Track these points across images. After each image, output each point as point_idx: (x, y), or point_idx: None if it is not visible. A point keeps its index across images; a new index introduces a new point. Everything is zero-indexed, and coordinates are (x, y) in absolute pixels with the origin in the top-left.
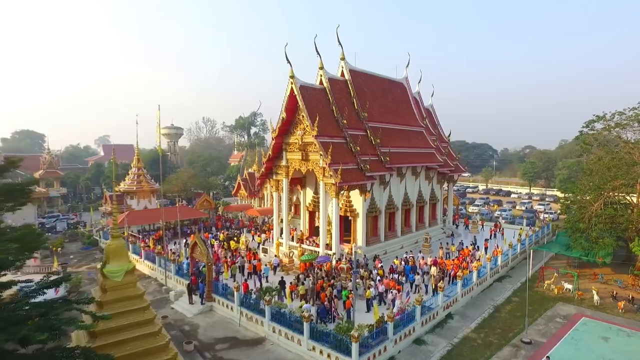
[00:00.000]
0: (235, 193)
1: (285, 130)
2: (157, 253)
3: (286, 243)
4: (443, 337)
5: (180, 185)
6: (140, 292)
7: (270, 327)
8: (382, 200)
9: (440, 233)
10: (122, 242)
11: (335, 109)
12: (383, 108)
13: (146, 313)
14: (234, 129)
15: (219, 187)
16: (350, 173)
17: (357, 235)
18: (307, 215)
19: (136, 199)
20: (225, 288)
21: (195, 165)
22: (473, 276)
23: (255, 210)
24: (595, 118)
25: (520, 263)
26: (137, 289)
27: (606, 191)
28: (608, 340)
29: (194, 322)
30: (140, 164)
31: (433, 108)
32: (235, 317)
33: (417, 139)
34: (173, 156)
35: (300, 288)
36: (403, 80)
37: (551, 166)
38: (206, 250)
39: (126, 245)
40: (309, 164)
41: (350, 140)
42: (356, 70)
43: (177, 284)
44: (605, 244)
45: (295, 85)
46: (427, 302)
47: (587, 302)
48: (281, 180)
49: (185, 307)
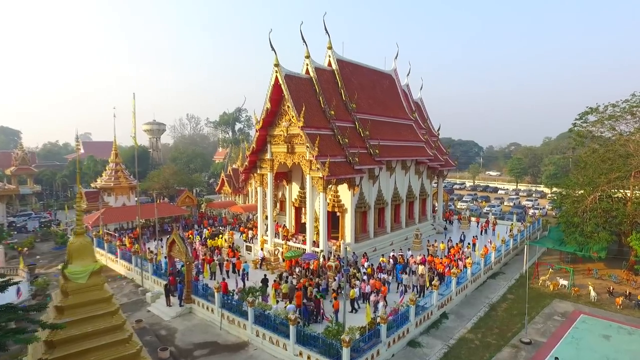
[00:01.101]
0: (218, 190)
1: (270, 122)
2: (134, 252)
3: (271, 240)
4: (439, 338)
5: (161, 182)
6: (107, 295)
7: (254, 330)
8: (372, 195)
9: (430, 229)
10: (87, 240)
11: (322, 100)
12: (372, 100)
13: (115, 318)
14: (217, 125)
15: (202, 184)
16: (338, 166)
17: (346, 232)
18: (293, 212)
19: (114, 195)
20: (206, 289)
21: (178, 161)
22: (467, 273)
23: (239, 207)
24: (588, 110)
25: (512, 259)
26: (104, 292)
27: (600, 185)
28: (609, 339)
29: (172, 326)
30: (119, 159)
31: (422, 101)
32: (216, 320)
33: (406, 132)
34: (155, 153)
35: (284, 287)
36: (392, 72)
37: (537, 162)
38: (185, 248)
39: (100, 243)
40: (294, 157)
41: (338, 132)
42: (344, 60)
43: (155, 285)
44: (601, 238)
45: (280, 74)
46: (422, 302)
47: (583, 298)
48: (266, 175)
49: (162, 309)
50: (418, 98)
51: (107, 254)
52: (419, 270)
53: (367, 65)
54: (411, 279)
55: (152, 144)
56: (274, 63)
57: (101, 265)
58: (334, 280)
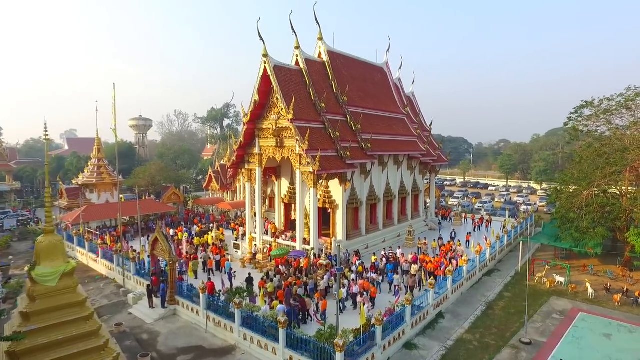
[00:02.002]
0: (206, 186)
1: (258, 115)
2: (115, 251)
3: (260, 238)
4: (435, 339)
5: (147, 179)
6: (80, 299)
7: (241, 333)
8: (363, 190)
9: (423, 226)
10: (58, 239)
11: (313, 92)
12: (363, 93)
13: (89, 323)
14: (205, 121)
15: (190, 180)
16: (329, 160)
17: (337, 229)
18: (282, 208)
19: (96, 192)
20: (191, 289)
21: (165, 158)
22: (463, 271)
23: (226, 204)
24: (584, 104)
25: (507, 256)
26: (76, 295)
27: (596, 179)
28: (610, 338)
29: (154, 330)
30: (101, 155)
31: (414, 95)
32: (201, 323)
33: (399, 127)
34: (142, 149)
35: (269, 285)
36: (383, 65)
37: (527, 159)
38: (168, 246)
39: (80, 242)
40: (284, 151)
41: (329, 126)
42: (335, 51)
43: (138, 286)
44: (597, 234)
45: (268, 64)
46: (417, 301)
47: (581, 295)
48: (254, 170)
49: (144, 311)
50: (410, 92)
51: (87, 253)
52: (411, 270)
53: (358, 58)
54: (402, 279)
55: (139, 140)
56: (263, 53)
57: (74, 265)
58: (322, 279)
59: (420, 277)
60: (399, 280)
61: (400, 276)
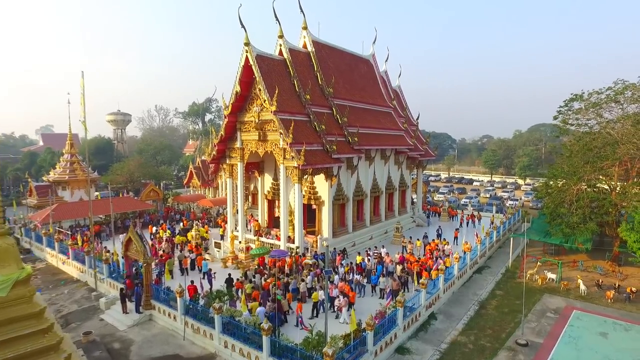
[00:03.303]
0: (187, 183)
1: (240, 107)
2: (87, 252)
3: (242, 236)
4: (429, 342)
5: (125, 175)
6: (37, 310)
7: (222, 340)
8: (350, 186)
9: (410, 222)
10: (10, 242)
11: (297, 83)
12: (349, 85)
13: (47, 337)
14: (187, 115)
15: (171, 177)
16: (314, 155)
17: (323, 226)
18: (266, 205)
19: (69, 189)
20: (168, 293)
21: (145, 154)
22: (454, 269)
23: (207, 201)
24: (573, 97)
25: (496, 252)
26: (32, 305)
27: (587, 174)
28: (607, 337)
29: (127, 337)
30: (74, 150)
31: (401, 89)
32: (179, 329)
33: (386, 120)
34: (120, 145)
35: (247, 287)
36: (370, 57)
37: (510, 154)
38: (142, 247)
39: (50, 243)
40: (267, 145)
41: (314, 118)
42: (320, 42)
43: (111, 289)
44: (587, 229)
45: (250, 54)
46: (409, 302)
47: (573, 292)
48: (236, 165)
49: (117, 317)
50: (396, 86)
51: (57, 254)
52: (397, 271)
53: (344, 49)
54: (388, 282)
55: (117, 136)
56: (244, 41)
57: (29, 272)
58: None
59: (405, 279)
60: (384, 283)
61: (386, 278)
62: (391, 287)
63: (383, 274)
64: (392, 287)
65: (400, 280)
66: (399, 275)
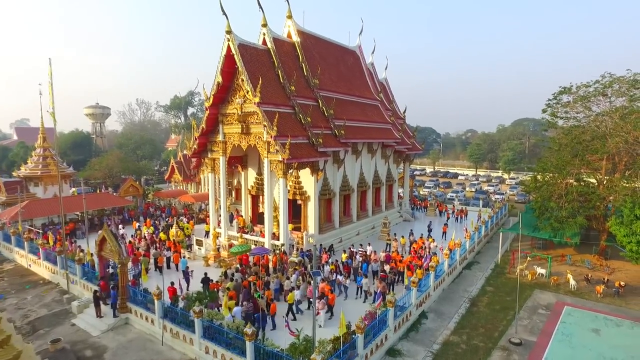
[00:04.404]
0: (168, 178)
1: (222, 99)
2: (59, 252)
3: (225, 233)
4: (420, 343)
5: (104, 171)
6: None
7: (203, 346)
8: (336, 180)
9: (397, 217)
10: None
11: (282, 74)
12: (335, 76)
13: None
14: (168, 109)
15: (152, 172)
16: (300, 148)
17: (309, 222)
18: (249, 200)
19: (42, 185)
20: (145, 295)
21: (125, 148)
22: (444, 266)
23: (189, 196)
24: (562, 90)
25: (484, 247)
26: None
27: (575, 167)
28: (599, 333)
29: (101, 344)
30: (47, 144)
31: (387, 82)
32: (157, 333)
33: (373, 113)
34: (99, 139)
35: (229, 284)
36: (356, 49)
37: (495, 148)
38: (117, 246)
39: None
40: (250, 138)
41: (299, 111)
42: (305, 31)
43: (85, 291)
44: (577, 223)
45: (232, 42)
46: (400, 301)
47: (563, 287)
48: (218, 159)
49: (91, 322)
50: (383, 78)
51: (27, 254)
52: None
53: (330, 40)
54: (373, 283)
55: (95, 130)
56: (226, 29)
57: None
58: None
59: (391, 280)
60: (367, 285)
61: (371, 277)
62: (375, 289)
63: (366, 275)
64: (377, 290)
65: (386, 282)
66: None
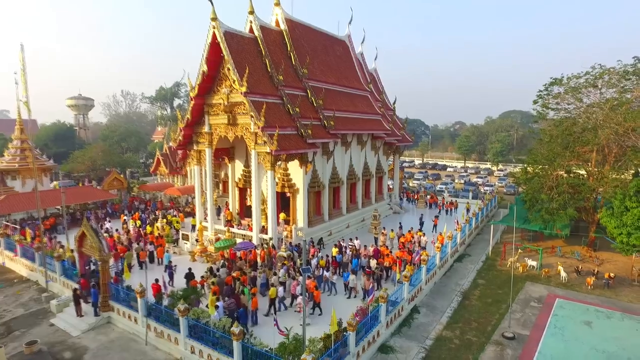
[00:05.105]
0: (154, 170)
1: (208, 89)
2: (37, 248)
3: (211, 227)
4: (413, 339)
5: (88, 163)
6: None
7: (188, 345)
8: (326, 172)
9: (387, 209)
10: None
11: (269, 63)
12: (325, 66)
13: None
14: (154, 100)
15: (137, 164)
16: (288, 139)
17: (298, 215)
18: (237, 193)
19: (20, 179)
20: (128, 292)
21: (110, 140)
22: (436, 259)
23: (175, 189)
24: (553, 81)
25: (475, 239)
26: None
27: (566, 159)
28: (591, 326)
29: (81, 345)
30: (25, 136)
31: (377, 72)
32: (140, 333)
33: (362, 104)
34: (83, 131)
35: (212, 280)
36: (345, 38)
37: (483, 140)
38: (98, 242)
39: None
40: (237, 129)
41: (287, 101)
42: (294, 20)
43: (65, 289)
44: (567, 215)
45: (218, 30)
46: (392, 296)
47: (554, 279)
48: (204, 151)
49: (70, 321)
50: (372, 68)
51: (4, 251)
52: (371, 266)
53: (319, 28)
54: (360, 280)
55: (79, 122)
56: (211, 16)
57: None
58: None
59: (378, 276)
60: (354, 281)
61: (356, 276)
62: (363, 286)
63: (354, 271)
64: (364, 287)
65: (373, 277)
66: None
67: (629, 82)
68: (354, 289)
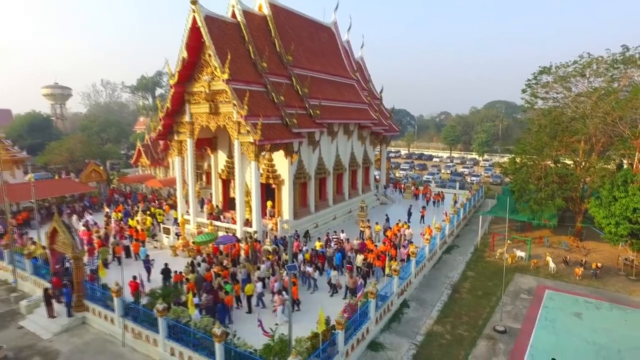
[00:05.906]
0: (135, 162)
1: (188, 76)
2: (5, 245)
3: (193, 220)
4: (403, 335)
5: (65, 155)
6: None
7: (167, 347)
8: (312, 163)
9: (374, 200)
10: None
11: (253, 49)
12: (310, 54)
13: None
14: (135, 90)
15: (118, 156)
16: (272, 129)
17: (283, 207)
18: (220, 185)
19: None
20: (104, 291)
21: (89, 131)
22: (425, 251)
23: (156, 181)
24: (542, 69)
25: (463, 230)
26: None
27: (554, 149)
28: (581, 317)
29: (52, 348)
30: None
31: (363, 61)
32: (117, 334)
33: (349, 93)
34: (60, 121)
35: (190, 277)
36: (331, 25)
37: (469, 130)
38: (70, 238)
39: None
40: (219, 119)
41: (271, 89)
42: (278, 5)
43: (36, 288)
44: (555, 205)
45: (198, 14)
46: (381, 291)
47: (543, 270)
48: (185, 141)
49: (41, 323)
50: (359, 57)
51: None
52: (357, 261)
53: (304, 14)
54: (344, 277)
55: (55, 111)
56: (191, 0)
57: None
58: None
59: (365, 272)
60: (336, 277)
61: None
62: (347, 284)
63: (335, 268)
64: (348, 285)
65: (360, 273)
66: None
67: (617, 70)
68: (337, 284)
